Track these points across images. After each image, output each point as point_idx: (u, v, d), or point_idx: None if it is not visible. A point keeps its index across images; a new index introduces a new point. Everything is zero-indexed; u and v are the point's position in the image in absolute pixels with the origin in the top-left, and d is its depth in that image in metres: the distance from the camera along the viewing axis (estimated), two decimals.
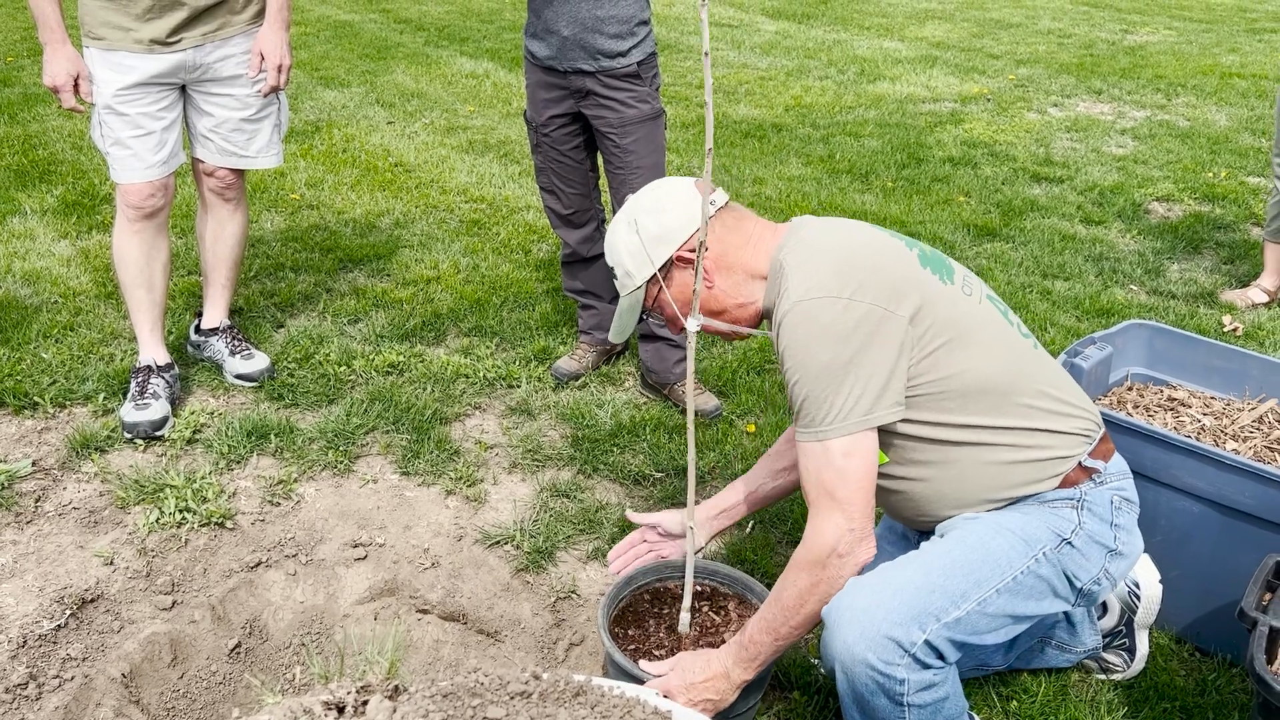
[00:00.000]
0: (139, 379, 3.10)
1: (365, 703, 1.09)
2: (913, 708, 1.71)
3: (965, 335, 1.80)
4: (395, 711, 1.02)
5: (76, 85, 2.90)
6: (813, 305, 1.73)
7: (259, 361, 3.33)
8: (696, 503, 2.08)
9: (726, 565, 2.24)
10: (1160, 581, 2.16)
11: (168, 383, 3.14)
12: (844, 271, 1.76)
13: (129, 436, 2.99)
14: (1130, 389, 2.60)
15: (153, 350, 3.16)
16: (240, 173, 3.25)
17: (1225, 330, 3.81)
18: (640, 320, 2.03)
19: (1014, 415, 1.81)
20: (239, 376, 3.31)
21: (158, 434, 3.01)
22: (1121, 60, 8.38)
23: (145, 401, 3.03)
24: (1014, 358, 1.85)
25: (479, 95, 7.04)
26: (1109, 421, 2.23)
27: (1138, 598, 2.15)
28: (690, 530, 2.02)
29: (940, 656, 1.70)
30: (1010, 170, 5.62)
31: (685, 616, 2.07)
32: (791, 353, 1.75)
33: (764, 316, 1.94)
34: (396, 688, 1.12)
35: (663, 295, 1.95)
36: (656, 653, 2.07)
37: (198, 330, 3.44)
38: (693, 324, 1.89)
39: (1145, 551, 2.21)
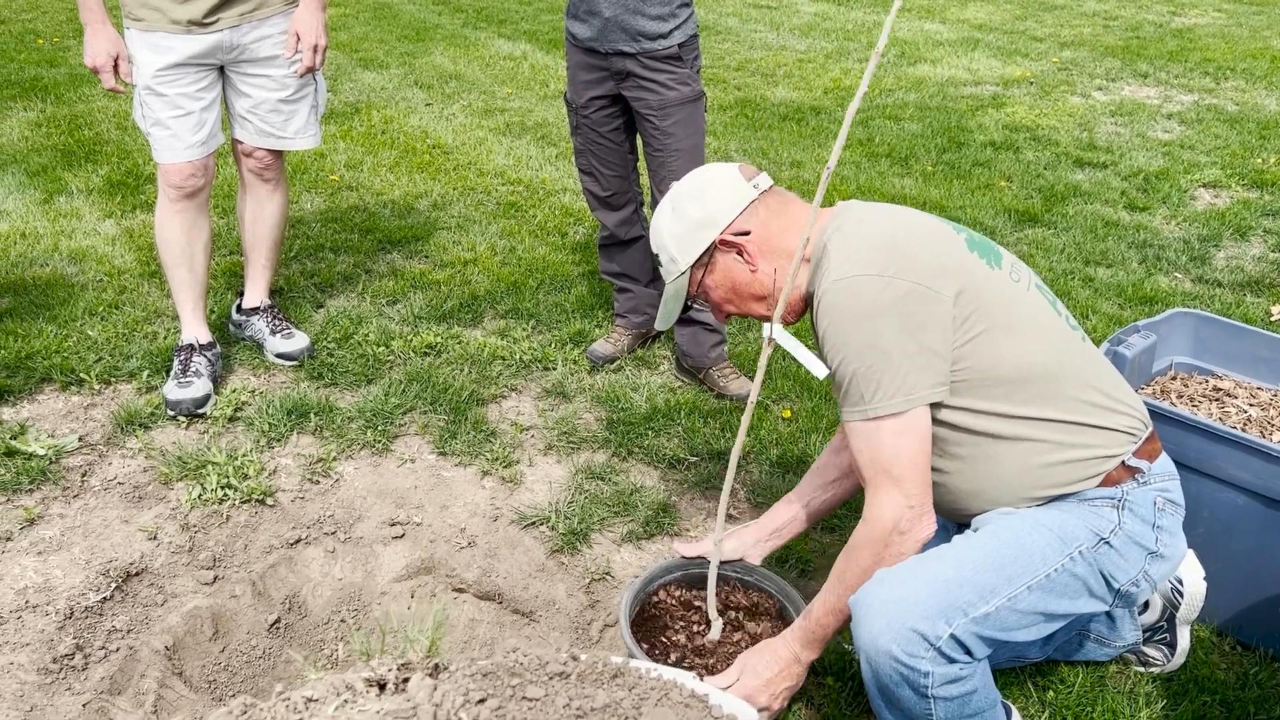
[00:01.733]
0: (182, 357, 3.15)
1: (406, 680, 1.11)
2: (938, 700, 1.69)
3: (1010, 322, 1.77)
4: (436, 689, 1.03)
5: (116, 66, 2.94)
6: (853, 283, 1.72)
7: (299, 341, 3.37)
8: (732, 524, 2.08)
9: (765, 570, 2.24)
10: (1204, 579, 2.12)
11: (210, 361, 3.18)
12: (886, 252, 1.74)
13: (172, 414, 3.04)
14: (1174, 378, 2.56)
15: (195, 329, 3.21)
16: (279, 153, 3.27)
17: (1273, 320, 3.74)
18: (686, 307, 2.02)
19: (1057, 408, 1.78)
20: (279, 355, 3.35)
21: (200, 412, 3.05)
22: (1169, 43, 8.21)
23: (188, 380, 3.08)
24: (1060, 348, 1.82)
25: (517, 77, 7.04)
26: (1151, 411, 2.20)
27: (1180, 594, 2.12)
28: (716, 544, 2.03)
29: (967, 652, 1.68)
30: (1053, 155, 5.54)
31: (715, 631, 2.07)
32: (833, 332, 1.73)
33: (807, 301, 1.92)
34: (437, 666, 1.14)
35: (707, 280, 1.94)
36: (697, 660, 2.07)
37: (239, 309, 3.48)
38: (775, 329, 1.85)
39: (1188, 546, 2.18)
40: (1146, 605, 2.18)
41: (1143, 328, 2.51)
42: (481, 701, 1.02)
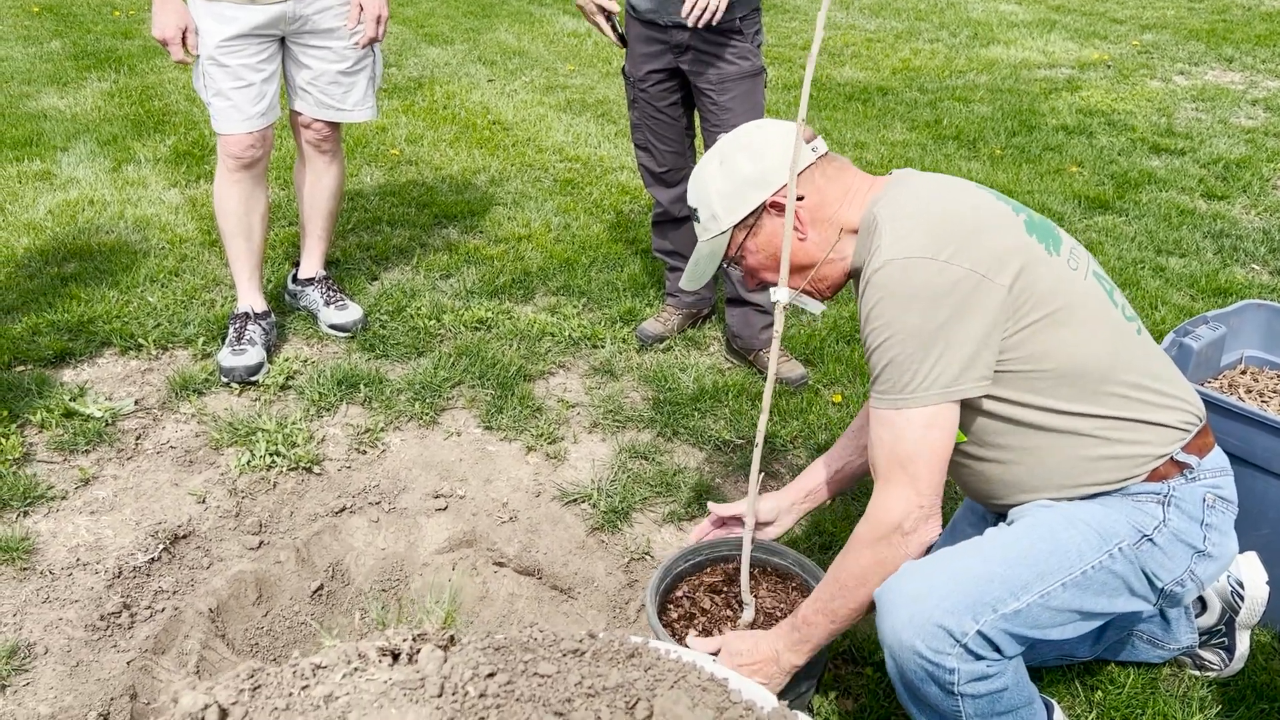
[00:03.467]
0: (237, 325, 3.19)
1: (419, 651, 1.09)
2: (966, 698, 1.63)
3: (1065, 311, 1.68)
4: (445, 661, 1.01)
5: (184, 38, 2.97)
6: (906, 265, 1.63)
7: (352, 312, 3.39)
8: (772, 488, 2.03)
9: (780, 545, 2.17)
10: (1267, 583, 2.03)
11: (264, 330, 3.22)
12: (942, 231, 1.65)
13: (225, 381, 3.08)
14: (1243, 372, 2.45)
15: (250, 298, 3.24)
16: (336, 125, 3.29)
17: None
18: (719, 268, 1.90)
19: (1106, 404, 1.70)
20: (333, 326, 3.38)
21: (253, 379, 3.09)
22: (1257, 27, 7.89)
23: (242, 347, 3.12)
24: (1114, 341, 1.72)
25: (579, 54, 7.01)
26: (1217, 406, 2.10)
27: (1241, 598, 2.03)
28: (750, 517, 1.97)
29: (996, 649, 1.61)
30: (1128, 141, 5.36)
31: (748, 614, 2.00)
32: (878, 313, 1.65)
33: (851, 275, 1.84)
34: (451, 638, 1.12)
35: (749, 243, 1.83)
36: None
37: (294, 280, 3.52)
38: (783, 294, 1.79)
39: (1252, 548, 2.09)
40: (1204, 607, 2.09)
41: (1211, 319, 2.40)
42: (491, 675, 1.00)
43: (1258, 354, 2.51)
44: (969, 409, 1.71)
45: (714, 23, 2.76)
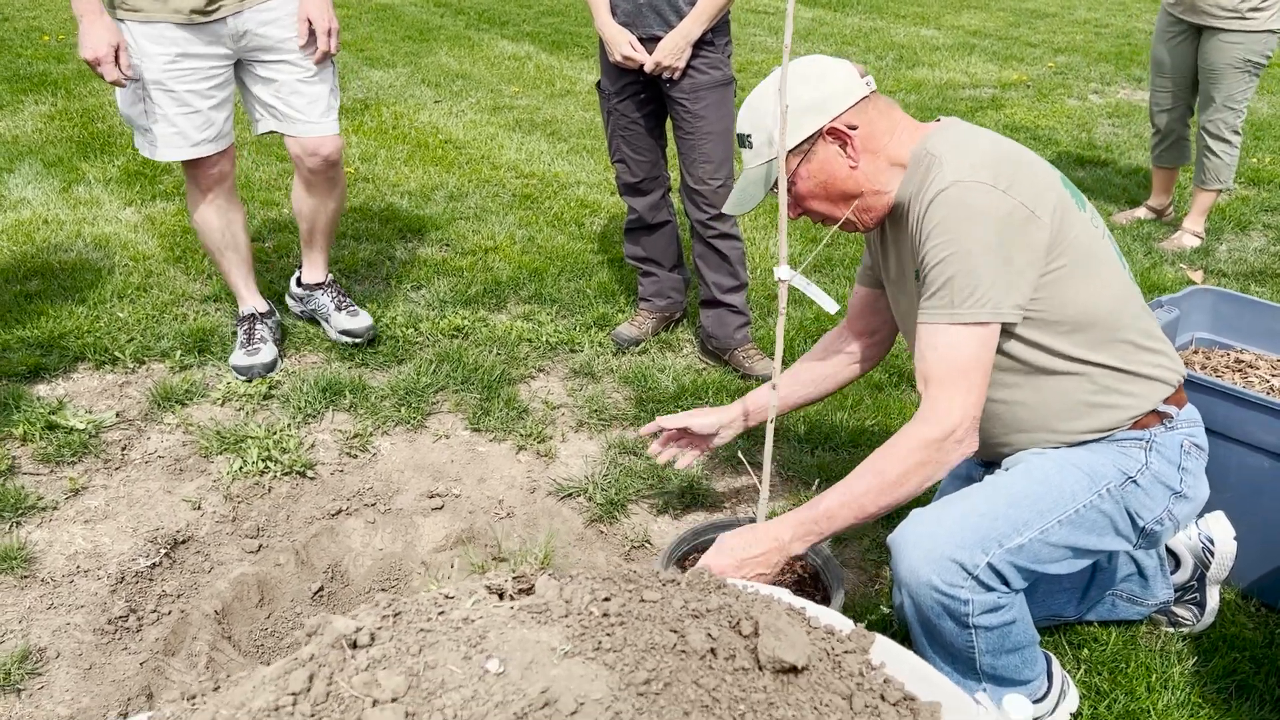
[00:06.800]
0: (245, 327, 3.22)
1: (522, 590, 1.16)
2: (979, 630, 1.75)
3: (1088, 262, 1.81)
4: (563, 589, 1.08)
5: (117, 55, 2.82)
6: (970, 187, 1.72)
7: (364, 319, 3.37)
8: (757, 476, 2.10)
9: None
10: (1235, 538, 2.19)
11: (270, 328, 3.26)
12: (999, 165, 1.75)
13: (246, 380, 3.11)
14: (1195, 352, 2.64)
15: (252, 300, 3.28)
16: (337, 155, 3.24)
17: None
18: (768, 193, 1.94)
19: (1110, 353, 1.84)
20: (344, 332, 3.35)
21: (270, 375, 3.14)
22: None
23: (255, 347, 3.17)
24: (1124, 297, 1.87)
25: (522, 76, 7.10)
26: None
27: (1212, 554, 2.19)
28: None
29: (1004, 581, 1.74)
30: (1054, 154, 5.64)
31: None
32: (943, 229, 1.73)
33: (891, 211, 1.92)
34: (552, 576, 1.19)
35: (802, 169, 1.89)
36: None
37: (299, 283, 3.50)
38: (784, 272, 1.92)
39: (1214, 509, 2.25)
40: (1178, 563, 2.25)
41: (1165, 303, 2.59)
42: (607, 600, 1.08)
43: (1206, 335, 2.70)
44: None
45: (673, 78, 3.05)
